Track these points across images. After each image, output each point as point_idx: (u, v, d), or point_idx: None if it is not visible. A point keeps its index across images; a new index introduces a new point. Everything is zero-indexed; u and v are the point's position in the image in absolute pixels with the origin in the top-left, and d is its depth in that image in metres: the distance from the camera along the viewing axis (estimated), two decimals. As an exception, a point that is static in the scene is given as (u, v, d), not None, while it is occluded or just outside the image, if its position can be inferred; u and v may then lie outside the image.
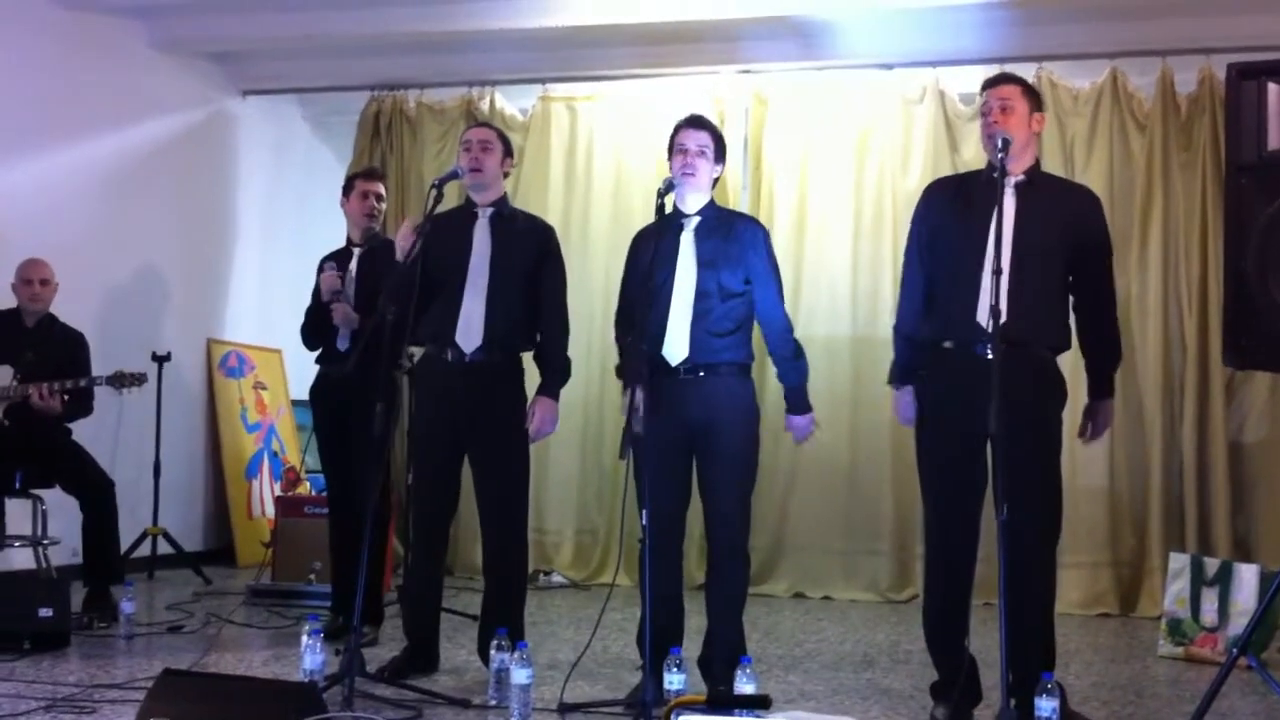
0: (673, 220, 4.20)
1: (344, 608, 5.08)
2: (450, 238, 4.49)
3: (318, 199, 7.55)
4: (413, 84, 7.62)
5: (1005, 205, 3.78)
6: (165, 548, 7.00)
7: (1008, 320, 3.63)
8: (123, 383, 5.45)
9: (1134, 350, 6.38)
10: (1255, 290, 3.41)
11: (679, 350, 4.10)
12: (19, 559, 5.98)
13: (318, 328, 5.31)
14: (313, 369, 5.39)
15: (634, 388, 3.89)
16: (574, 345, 4.65)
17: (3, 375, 5.48)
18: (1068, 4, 6.39)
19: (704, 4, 6.62)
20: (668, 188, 4.09)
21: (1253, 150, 3.45)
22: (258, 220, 8.11)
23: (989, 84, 3.97)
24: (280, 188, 8.29)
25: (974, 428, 3.59)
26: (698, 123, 4.27)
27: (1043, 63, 6.61)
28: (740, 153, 6.95)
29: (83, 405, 5.64)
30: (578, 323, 4.67)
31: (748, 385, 4.22)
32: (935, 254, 3.96)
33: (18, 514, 5.79)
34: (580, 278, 6.48)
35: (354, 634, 3.94)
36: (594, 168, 7.38)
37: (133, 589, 5.20)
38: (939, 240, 3.95)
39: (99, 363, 5.81)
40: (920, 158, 6.86)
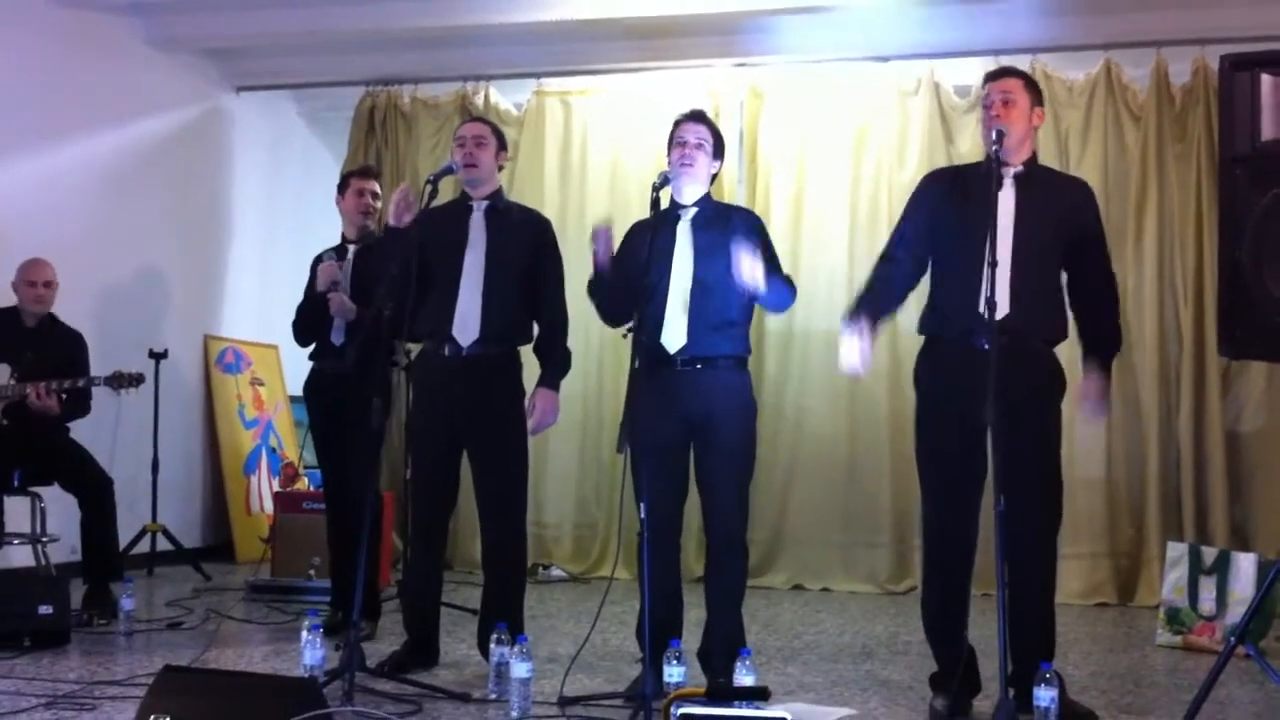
0: (669, 212, 4.21)
1: (343, 603, 5.09)
2: (446, 232, 4.49)
3: (313, 194, 7.56)
4: (407, 79, 7.61)
5: (1003, 198, 3.78)
6: (164, 544, 7.00)
7: (1006, 312, 3.64)
8: (121, 383, 5.44)
9: (1130, 341, 6.35)
10: (1250, 281, 3.41)
11: (676, 339, 4.11)
12: (18, 557, 5.97)
13: (311, 323, 5.30)
14: (309, 364, 5.39)
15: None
16: (572, 338, 4.64)
17: (1, 374, 5.46)
18: (1061, -4, 6.41)
19: (698, -3, 6.61)
20: (663, 181, 4.09)
21: (1246, 141, 3.44)
22: (254, 216, 8.09)
23: (991, 76, 3.98)
24: (276, 183, 8.28)
25: (973, 419, 3.58)
26: (698, 117, 4.29)
27: (1037, 54, 6.59)
28: (736, 146, 6.93)
29: (80, 405, 5.63)
30: (575, 316, 4.66)
31: (745, 378, 4.23)
32: (932, 246, 3.96)
33: (17, 512, 5.78)
34: (576, 272, 6.42)
35: (353, 629, 3.95)
36: (589, 162, 7.37)
37: (132, 586, 5.20)
38: (936, 232, 3.95)
39: (96, 359, 5.81)
40: (916, 150, 6.86)
